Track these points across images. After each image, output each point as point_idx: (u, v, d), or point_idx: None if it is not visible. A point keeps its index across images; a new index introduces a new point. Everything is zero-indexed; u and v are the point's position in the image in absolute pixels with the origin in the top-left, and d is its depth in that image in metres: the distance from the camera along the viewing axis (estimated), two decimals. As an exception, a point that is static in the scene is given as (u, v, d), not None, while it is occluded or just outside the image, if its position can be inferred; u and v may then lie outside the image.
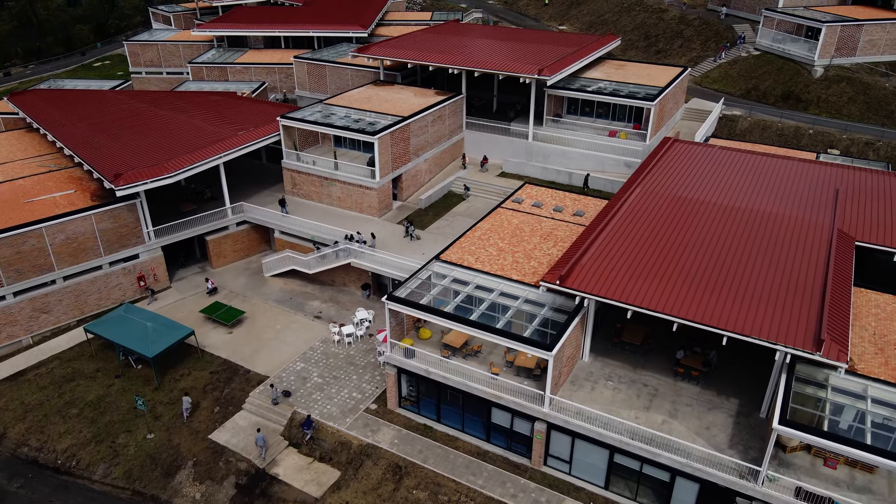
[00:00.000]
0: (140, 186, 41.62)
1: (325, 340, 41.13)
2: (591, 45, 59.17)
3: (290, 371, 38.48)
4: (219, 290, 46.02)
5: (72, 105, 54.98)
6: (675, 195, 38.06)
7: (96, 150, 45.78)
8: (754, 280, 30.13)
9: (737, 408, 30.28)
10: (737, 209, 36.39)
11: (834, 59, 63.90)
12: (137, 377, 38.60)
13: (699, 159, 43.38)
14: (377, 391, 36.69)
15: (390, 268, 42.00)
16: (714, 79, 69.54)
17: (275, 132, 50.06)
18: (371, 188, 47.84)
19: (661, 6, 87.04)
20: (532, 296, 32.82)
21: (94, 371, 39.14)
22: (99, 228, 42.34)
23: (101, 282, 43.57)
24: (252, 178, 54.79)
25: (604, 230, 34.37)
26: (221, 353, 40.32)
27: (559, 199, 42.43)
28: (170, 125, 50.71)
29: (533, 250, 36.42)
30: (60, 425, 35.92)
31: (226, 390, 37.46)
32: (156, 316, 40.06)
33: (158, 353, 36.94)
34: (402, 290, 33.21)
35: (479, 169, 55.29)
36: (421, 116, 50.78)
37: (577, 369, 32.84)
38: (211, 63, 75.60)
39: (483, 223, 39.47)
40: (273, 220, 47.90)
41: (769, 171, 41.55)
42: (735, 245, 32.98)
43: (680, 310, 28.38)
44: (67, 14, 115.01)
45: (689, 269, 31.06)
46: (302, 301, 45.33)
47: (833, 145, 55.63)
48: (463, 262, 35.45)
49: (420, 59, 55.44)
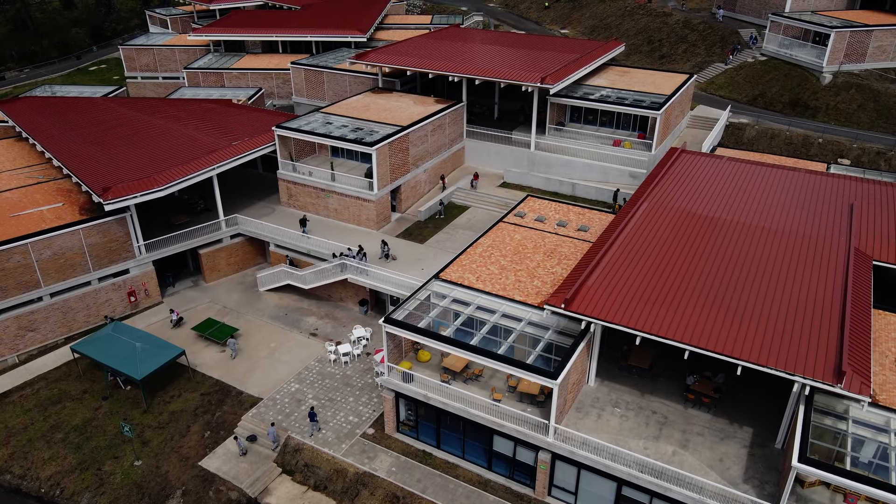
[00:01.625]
0: (129, 200, 40.25)
1: (320, 359, 39.75)
2: (595, 52, 57.75)
3: (285, 393, 37.09)
4: (184, 322, 42.85)
5: (62, 114, 53.60)
6: (684, 210, 36.67)
7: (85, 161, 44.43)
8: (768, 303, 28.74)
9: (750, 437, 28.88)
10: (748, 226, 35.00)
11: (843, 66, 62.48)
12: (126, 399, 37.22)
13: (707, 172, 41.98)
14: (374, 414, 35.31)
15: (388, 284, 40.66)
16: (720, 85, 68.13)
17: (270, 142, 48.68)
18: (369, 200, 46.45)
19: (664, 10, 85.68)
20: (535, 318, 31.45)
21: (81, 392, 37.77)
22: (87, 243, 40.97)
23: (89, 298, 42.19)
24: (247, 188, 53.43)
25: (610, 248, 32.98)
26: (213, 373, 38.94)
27: (563, 213, 41.04)
28: (162, 135, 49.33)
29: (536, 268, 35.04)
30: (45, 451, 34.53)
31: (217, 413, 36.08)
32: (145, 335, 38.68)
33: (147, 375, 35.57)
34: (400, 312, 31.83)
35: (469, 188, 51.90)
36: (420, 126, 49.39)
37: (582, 395, 31.45)
38: (207, 68, 74.22)
39: (484, 239, 38.09)
40: (268, 234, 46.53)
41: (780, 185, 40.16)
42: (747, 265, 31.59)
43: (692, 336, 27.01)
44: (63, 17, 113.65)
45: (700, 290, 29.68)
46: (297, 317, 43.94)
47: (843, 155, 54.21)
48: (463, 281, 34.07)
49: (419, 67, 54.05)
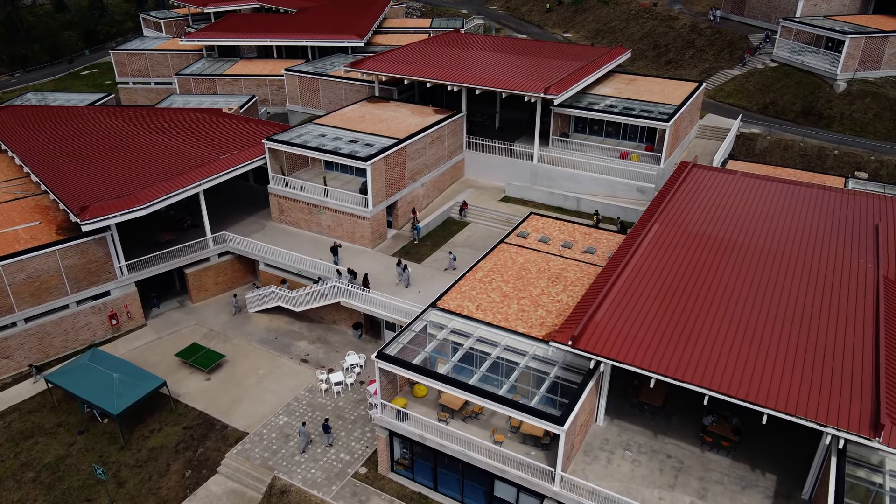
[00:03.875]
0: (109, 220, 37.97)
1: (311, 389, 37.46)
2: (600, 60, 55.40)
3: (272, 426, 34.80)
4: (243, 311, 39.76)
5: (43, 124, 51.29)
6: (698, 233, 34.37)
7: (65, 176, 42.18)
8: (793, 342, 26.44)
9: (774, 486, 26.59)
10: (767, 251, 32.69)
11: (857, 73, 60.14)
12: (103, 433, 34.92)
13: (721, 189, 39.66)
14: (367, 451, 33.02)
15: (383, 309, 38.38)
16: (729, 92, 65.78)
17: (260, 155, 46.41)
18: (364, 217, 44.15)
19: (670, 13, 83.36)
20: (540, 352, 29.21)
21: (56, 426, 35.48)
22: (65, 265, 38.71)
23: (67, 322, 39.92)
24: (238, 202, 51.11)
25: (620, 277, 30.68)
26: (197, 404, 36.65)
27: (568, 234, 38.76)
28: (147, 147, 47.01)
29: (540, 296, 32.76)
30: (14, 492, 32.21)
31: (199, 450, 33.78)
32: (124, 363, 36.36)
33: (124, 410, 33.29)
34: (394, 346, 29.54)
35: (458, 215, 48.67)
36: (418, 138, 47.07)
37: (590, 435, 29.16)
38: (199, 74, 71.83)
39: (484, 262, 35.80)
40: (258, 252, 44.26)
41: (799, 204, 37.81)
42: (768, 296, 29.27)
43: (712, 380, 24.73)
44: (55, 20, 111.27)
45: (718, 326, 27.39)
46: (288, 341, 41.66)
47: (860, 167, 51.90)
48: (462, 310, 31.78)
49: (417, 75, 51.72)
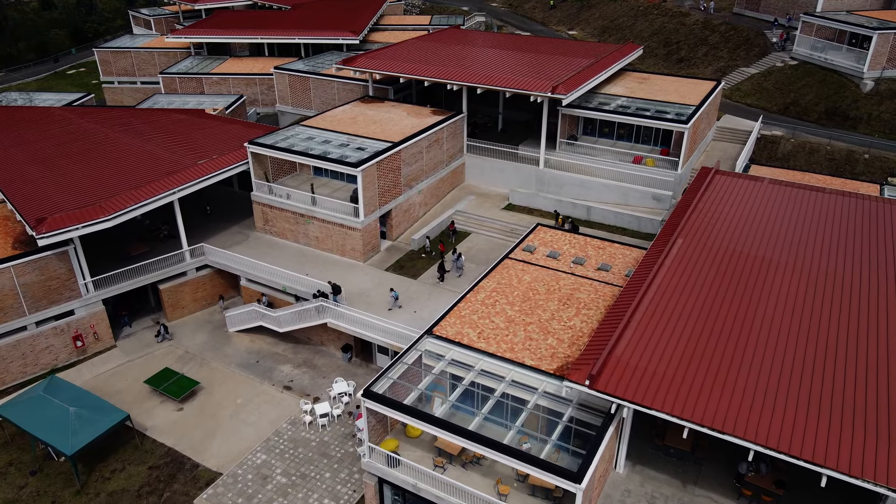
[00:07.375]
0: (69, 233, 34.19)
1: (294, 421, 33.67)
2: (610, 57, 51.54)
3: (249, 466, 31.00)
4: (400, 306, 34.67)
5: (11, 126, 47.47)
6: (727, 250, 30.52)
7: (25, 183, 38.43)
8: (843, 382, 22.62)
9: (825, 551, 22.82)
10: (804, 270, 28.85)
11: (885, 71, 56.27)
12: (58, 474, 31.07)
13: (749, 198, 35.81)
14: (355, 496, 29.25)
15: (374, 331, 34.59)
16: (746, 92, 61.93)
17: (243, 160, 42.65)
18: (354, 228, 40.35)
19: (681, 9, 79.52)
20: (551, 388, 25.39)
21: (6, 465, 31.64)
22: (20, 283, 34.93)
23: (25, 345, 36.12)
24: (220, 210, 47.30)
25: (642, 301, 26.87)
26: (166, 440, 32.82)
27: (579, 248, 34.93)
28: (119, 152, 43.16)
29: (550, 320, 28.93)
30: (-47, 544, 28.56)
31: (166, 494, 29.94)
32: (85, 394, 32.47)
33: (79, 450, 29.45)
34: (384, 382, 25.74)
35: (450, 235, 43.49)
36: (414, 142, 43.24)
37: (609, 485, 25.33)
38: (185, 73, 68.06)
39: (487, 281, 31.97)
40: (239, 266, 40.49)
41: (836, 215, 33.96)
42: (811, 326, 25.45)
43: (758, 431, 20.92)
44: (42, 18, 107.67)
45: (760, 361, 23.56)
46: (271, 365, 37.87)
47: (893, 173, 48.07)
48: (462, 338, 27.96)
49: (414, 73, 47.92)
